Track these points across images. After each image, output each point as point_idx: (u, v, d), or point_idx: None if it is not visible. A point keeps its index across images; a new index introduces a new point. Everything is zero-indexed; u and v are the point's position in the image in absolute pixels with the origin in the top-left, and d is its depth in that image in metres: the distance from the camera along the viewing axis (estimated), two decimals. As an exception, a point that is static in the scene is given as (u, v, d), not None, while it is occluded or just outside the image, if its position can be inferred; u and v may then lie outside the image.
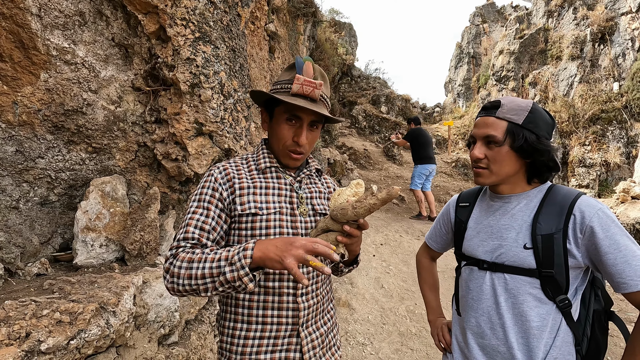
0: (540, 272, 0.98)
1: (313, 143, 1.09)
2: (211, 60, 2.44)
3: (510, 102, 1.05)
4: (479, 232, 1.13)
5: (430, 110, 17.34)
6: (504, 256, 1.03)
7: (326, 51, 10.66)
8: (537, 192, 1.07)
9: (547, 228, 0.98)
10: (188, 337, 2.08)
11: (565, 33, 11.84)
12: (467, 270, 1.15)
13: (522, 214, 1.05)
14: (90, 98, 2.22)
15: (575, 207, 0.97)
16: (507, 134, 1.02)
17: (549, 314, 0.98)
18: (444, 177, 9.10)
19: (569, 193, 1.02)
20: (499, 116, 1.04)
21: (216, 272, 0.84)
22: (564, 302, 0.97)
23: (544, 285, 0.98)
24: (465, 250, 1.16)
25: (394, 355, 2.93)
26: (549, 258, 0.96)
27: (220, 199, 1.01)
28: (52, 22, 2.02)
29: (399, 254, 4.87)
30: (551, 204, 1.01)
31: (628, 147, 9.71)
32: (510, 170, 1.05)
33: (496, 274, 1.05)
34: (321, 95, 1.04)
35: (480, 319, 1.08)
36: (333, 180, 1.29)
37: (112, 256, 2.21)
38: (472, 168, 1.11)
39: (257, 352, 0.99)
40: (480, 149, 1.06)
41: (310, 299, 1.05)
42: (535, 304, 0.99)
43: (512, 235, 1.03)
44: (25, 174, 2.11)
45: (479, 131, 1.07)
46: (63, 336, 1.30)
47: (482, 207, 1.17)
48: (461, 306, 1.18)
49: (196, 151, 2.41)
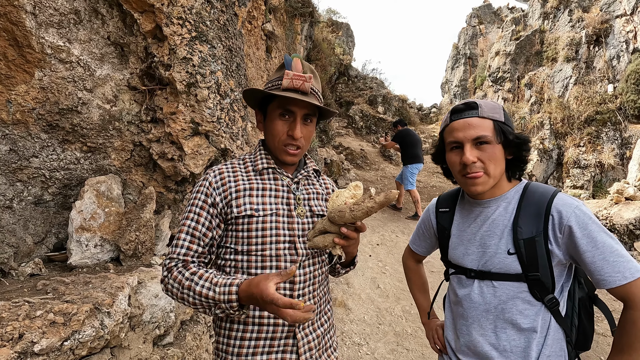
0: (526, 275, 0.98)
1: (309, 138, 1.09)
2: (208, 59, 2.43)
3: (485, 103, 1.04)
4: (462, 240, 1.12)
5: (427, 110, 17.39)
6: (490, 263, 1.03)
7: (323, 51, 10.66)
8: (514, 193, 1.06)
9: (528, 231, 0.98)
10: (183, 338, 2.07)
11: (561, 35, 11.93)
12: (455, 279, 1.16)
13: (502, 218, 1.04)
14: (86, 97, 2.21)
15: (552, 207, 0.98)
16: (495, 132, 1.01)
17: (538, 315, 0.99)
18: (439, 178, 9.13)
19: (545, 192, 1.02)
20: (483, 115, 1.02)
21: (206, 305, 0.92)
22: (552, 301, 0.99)
23: (532, 288, 0.99)
24: (451, 259, 1.16)
25: (390, 356, 2.93)
26: (533, 261, 0.97)
27: (212, 204, 1.03)
28: (46, 20, 2.01)
29: (395, 254, 4.88)
30: (528, 205, 1.01)
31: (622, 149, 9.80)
32: (502, 170, 1.04)
33: (484, 282, 1.05)
34: (312, 88, 1.04)
35: (471, 327, 1.08)
36: (332, 181, 1.28)
37: (107, 256, 2.19)
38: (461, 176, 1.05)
39: (253, 354, 0.99)
40: (471, 151, 1.01)
41: (308, 301, 1.04)
42: (525, 306, 1.00)
43: (494, 242, 1.03)
44: (19, 173, 2.09)
45: (466, 133, 1.02)
46: (57, 337, 1.29)
47: (463, 214, 1.16)
48: (453, 312, 1.18)
49: (192, 151, 2.40)
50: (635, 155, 7.73)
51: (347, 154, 9.29)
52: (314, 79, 1.06)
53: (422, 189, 7.92)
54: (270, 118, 1.07)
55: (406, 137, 6.42)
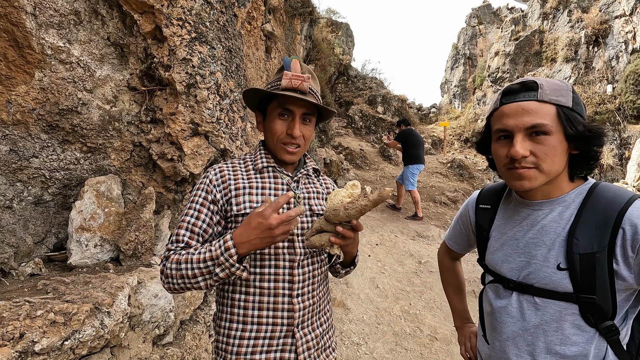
0: (578, 297, 0.81)
1: (308, 138, 1.10)
2: (207, 60, 2.44)
3: (548, 82, 0.84)
4: (503, 244, 0.96)
5: (427, 110, 17.41)
6: (533, 277, 0.87)
7: (323, 51, 10.67)
8: (575, 196, 0.87)
9: (587, 245, 0.80)
10: (183, 338, 2.08)
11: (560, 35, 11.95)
12: (492, 287, 1.00)
13: (556, 225, 0.86)
14: (85, 97, 2.21)
15: (625, 218, 0.77)
16: (559, 120, 0.82)
17: (590, 343, 0.82)
18: (439, 178, 9.15)
19: (617, 197, 0.81)
20: (543, 99, 0.82)
21: (206, 272, 0.91)
22: (611, 329, 0.81)
23: (584, 312, 0.81)
24: (488, 264, 1.01)
25: (389, 355, 2.95)
26: (589, 281, 0.79)
27: (213, 201, 1.04)
28: (47, 20, 2.01)
29: (394, 254, 4.89)
30: (592, 212, 0.82)
31: (621, 149, 9.83)
32: (561, 167, 0.85)
33: (524, 296, 0.89)
34: (310, 88, 1.06)
35: (505, 344, 0.93)
36: (332, 181, 1.29)
37: (107, 256, 2.20)
38: (506, 169, 0.88)
39: (252, 352, 1.00)
40: (523, 143, 0.83)
41: (307, 300, 1.05)
42: (574, 331, 0.83)
43: (542, 252, 0.86)
44: (19, 173, 2.10)
45: (519, 121, 0.83)
46: (57, 337, 1.30)
47: (507, 214, 0.99)
48: (486, 324, 1.03)
49: (192, 151, 2.41)
50: (634, 156, 7.76)
51: (346, 154, 9.30)
52: (312, 80, 1.07)
53: (422, 189, 7.94)
54: (269, 118, 1.09)
55: (409, 137, 6.42)
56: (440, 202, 7.50)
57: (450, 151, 12.48)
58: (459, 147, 12.95)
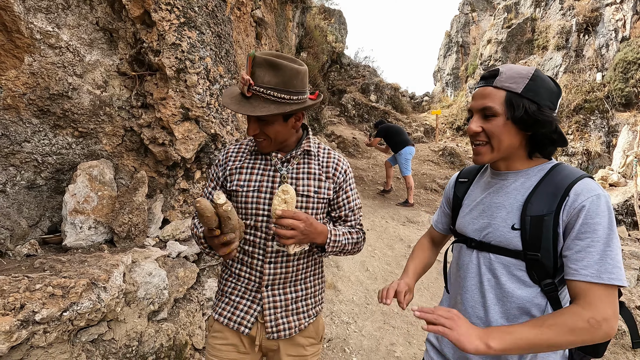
0: (525, 254, 0.92)
1: (274, 133, 1.13)
2: (196, 45, 2.46)
3: (509, 70, 0.96)
4: (472, 209, 1.08)
5: (419, 99, 17.44)
6: (491, 235, 0.99)
7: (315, 38, 10.60)
8: (537, 171, 0.99)
9: (538, 209, 0.91)
10: (177, 314, 2.16)
11: (552, 23, 11.99)
12: (457, 248, 1.13)
13: (517, 192, 0.98)
14: (76, 82, 2.24)
15: (572, 189, 0.89)
16: (505, 104, 0.94)
17: (533, 297, 0.93)
18: (430, 165, 9.27)
19: (571, 174, 0.93)
20: (497, 85, 0.95)
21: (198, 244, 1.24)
22: (550, 286, 0.92)
23: (530, 268, 0.93)
24: (457, 228, 1.12)
25: (377, 333, 3.07)
26: (536, 241, 0.90)
27: (218, 177, 1.27)
28: (35, 4, 2.02)
29: (384, 239, 5.01)
30: (549, 184, 0.93)
31: (608, 137, 10.01)
32: (511, 145, 0.97)
33: (482, 253, 1.01)
34: (256, 88, 1.05)
35: (464, 297, 1.05)
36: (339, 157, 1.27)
37: (101, 238, 2.26)
38: (471, 146, 1.03)
39: (230, 293, 1.25)
40: (477, 122, 0.98)
41: (278, 268, 1.19)
42: (518, 285, 0.94)
43: (502, 214, 0.98)
44: (11, 157, 2.14)
45: (476, 103, 0.99)
46: (56, 308, 1.37)
47: (480, 184, 1.12)
48: (448, 277, 1.18)
49: (183, 136, 2.46)
50: (620, 143, 7.93)
51: (339, 142, 9.35)
52: (268, 75, 1.04)
53: (413, 176, 8.04)
54: None
55: (388, 129, 6.61)
56: (430, 189, 7.62)
57: (442, 139, 12.58)
58: (451, 135, 13.06)
